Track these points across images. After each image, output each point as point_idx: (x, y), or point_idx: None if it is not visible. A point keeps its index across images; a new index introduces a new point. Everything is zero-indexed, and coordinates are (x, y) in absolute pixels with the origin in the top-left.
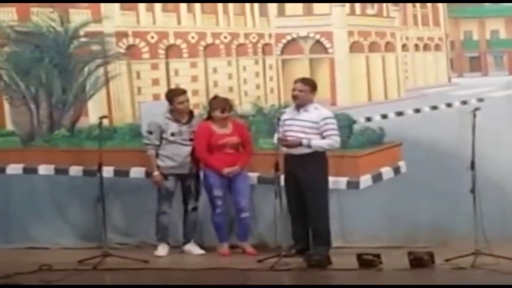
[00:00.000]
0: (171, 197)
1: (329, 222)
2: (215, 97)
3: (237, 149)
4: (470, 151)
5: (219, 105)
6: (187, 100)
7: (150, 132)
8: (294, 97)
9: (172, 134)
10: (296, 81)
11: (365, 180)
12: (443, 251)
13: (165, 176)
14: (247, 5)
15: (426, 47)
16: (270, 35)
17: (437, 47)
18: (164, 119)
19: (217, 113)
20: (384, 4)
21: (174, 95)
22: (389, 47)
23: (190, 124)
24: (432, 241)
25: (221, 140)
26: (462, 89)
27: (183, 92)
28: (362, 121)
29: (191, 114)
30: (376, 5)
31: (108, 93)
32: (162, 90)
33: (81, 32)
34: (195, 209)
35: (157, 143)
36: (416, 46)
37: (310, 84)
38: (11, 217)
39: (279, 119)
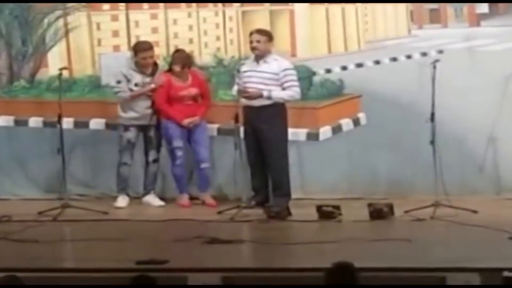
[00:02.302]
0: (132, 148)
1: (289, 173)
2: (178, 51)
3: (196, 101)
4: (430, 103)
5: (181, 61)
6: (151, 56)
7: (118, 82)
8: (253, 49)
9: (136, 85)
10: (251, 33)
11: (325, 131)
12: (403, 203)
13: (127, 127)
14: None
15: None
16: None
17: None
18: (128, 70)
19: (177, 68)
20: None
21: (139, 49)
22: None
23: (154, 76)
24: (391, 193)
25: (181, 92)
26: (422, 40)
27: (148, 48)
28: (322, 73)
29: (155, 65)
30: None
31: (68, 45)
32: (122, 41)
33: None
34: (156, 160)
35: (128, 90)
36: None
37: (266, 34)
38: None
39: (238, 71)
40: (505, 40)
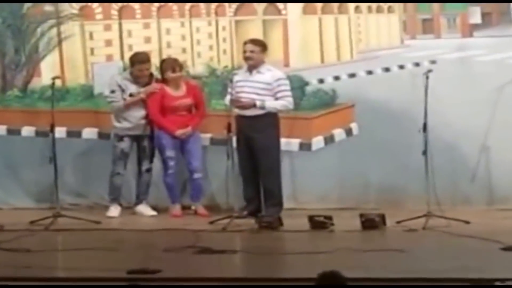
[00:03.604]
0: (126, 158)
1: (281, 183)
2: (164, 59)
3: (190, 111)
4: (422, 113)
5: (169, 66)
6: (148, 69)
7: (112, 91)
8: (247, 58)
9: (131, 95)
10: (245, 43)
11: (317, 141)
12: (395, 213)
13: (121, 137)
14: None
15: (379, 9)
16: None
17: (390, 9)
18: (123, 80)
19: (169, 74)
20: None
21: (136, 61)
22: (342, 9)
23: (149, 86)
24: (383, 203)
25: (174, 102)
26: (415, 51)
27: (146, 61)
28: (315, 83)
29: (151, 76)
30: None
31: (61, 54)
32: (115, 51)
33: None
34: (148, 170)
35: (121, 100)
36: (369, 8)
37: (260, 44)
38: None
39: (231, 81)
40: (498, 51)
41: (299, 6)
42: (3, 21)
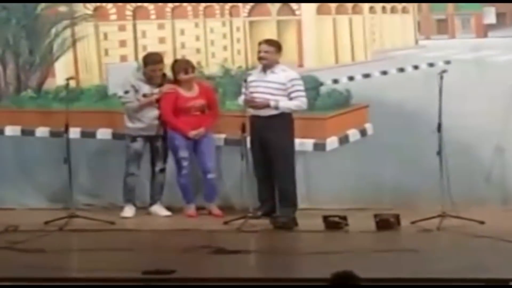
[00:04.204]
0: (139, 158)
1: (296, 183)
2: (177, 60)
3: (203, 111)
4: (436, 113)
5: (182, 67)
6: (161, 69)
7: (126, 92)
8: (261, 58)
9: (144, 96)
10: (260, 43)
11: (332, 142)
12: (409, 213)
13: (134, 138)
14: None
15: (393, 9)
16: None
17: (404, 10)
18: (137, 80)
19: (181, 75)
20: None
21: (149, 61)
22: (356, 9)
23: (163, 86)
24: (398, 203)
25: (187, 103)
26: (429, 51)
27: (159, 61)
28: (329, 83)
29: (164, 76)
30: None
31: (75, 55)
32: (129, 51)
33: None
34: (162, 170)
35: (135, 100)
36: (384, 8)
37: (275, 45)
38: None
39: (245, 81)
40: None
41: (313, 6)
42: (18, 21)
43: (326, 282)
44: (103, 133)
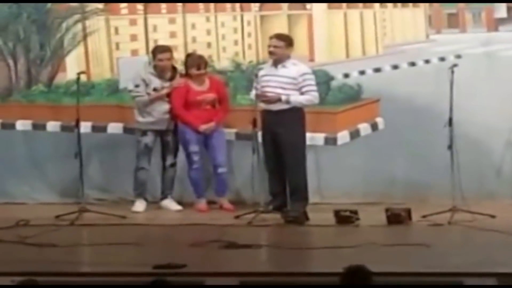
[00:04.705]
0: (150, 153)
1: (307, 178)
2: (190, 55)
3: (213, 106)
4: (447, 107)
5: (195, 62)
6: (168, 59)
7: (137, 86)
8: (271, 53)
9: (154, 90)
10: (271, 37)
11: (343, 136)
12: (420, 208)
13: (144, 132)
14: None
15: (404, 4)
16: None
17: (415, 4)
18: (147, 74)
19: (193, 71)
20: None
21: (156, 51)
22: (367, 3)
23: (173, 80)
24: (409, 197)
25: (198, 97)
26: (440, 45)
27: (165, 50)
28: (340, 78)
29: (174, 70)
30: None
31: (86, 49)
32: (140, 45)
33: None
34: (173, 165)
35: (146, 94)
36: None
37: (286, 40)
38: None
39: (256, 75)
40: None
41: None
42: (28, 16)
43: (338, 276)
44: (114, 127)
